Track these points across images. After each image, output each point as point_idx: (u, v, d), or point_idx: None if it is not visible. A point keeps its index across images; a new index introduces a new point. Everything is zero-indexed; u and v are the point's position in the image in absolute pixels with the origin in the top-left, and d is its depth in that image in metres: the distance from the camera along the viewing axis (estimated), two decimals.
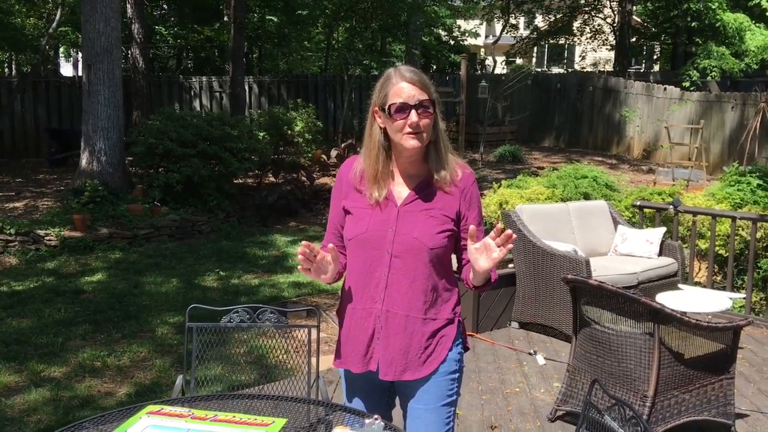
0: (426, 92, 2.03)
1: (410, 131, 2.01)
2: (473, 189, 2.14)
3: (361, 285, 2.12)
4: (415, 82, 2.02)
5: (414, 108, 2.00)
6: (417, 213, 2.08)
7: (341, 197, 2.19)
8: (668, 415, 3.47)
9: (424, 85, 2.03)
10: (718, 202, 6.90)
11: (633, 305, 3.42)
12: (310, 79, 17.68)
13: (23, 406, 4.11)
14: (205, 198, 9.57)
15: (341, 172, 2.22)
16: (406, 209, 2.08)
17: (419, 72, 2.06)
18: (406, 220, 2.07)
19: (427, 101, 2.02)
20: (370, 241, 2.08)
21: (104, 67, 9.53)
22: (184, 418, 1.98)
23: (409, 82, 2.02)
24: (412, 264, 2.06)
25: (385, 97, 2.04)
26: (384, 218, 2.08)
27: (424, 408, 2.12)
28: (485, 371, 4.59)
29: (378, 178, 2.09)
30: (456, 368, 2.14)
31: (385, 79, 2.07)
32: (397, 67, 2.09)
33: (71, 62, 26.42)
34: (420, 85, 2.02)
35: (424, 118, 2.02)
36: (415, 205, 2.08)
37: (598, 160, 14.53)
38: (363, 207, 2.11)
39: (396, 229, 2.07)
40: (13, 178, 11.90)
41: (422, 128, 2.02)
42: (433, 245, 2.05)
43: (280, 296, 6.44)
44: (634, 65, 25.05)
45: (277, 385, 3.14)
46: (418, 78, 2.03)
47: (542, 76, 19.21)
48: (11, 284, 6.63)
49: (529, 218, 5.49)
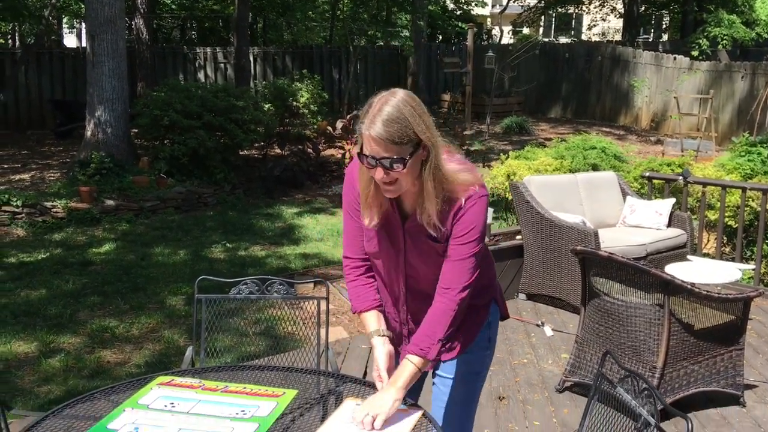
0: (393, 147, 1.79)
1: (382, 182, 1.87)
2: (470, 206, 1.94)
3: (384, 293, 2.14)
4: (379, 138, 1.78)
5: (380, 164, 1.82)
6: (421, 236, 1.97)
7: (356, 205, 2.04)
8: (677, 386, 3.47)
9: (391, 140, 1.78)
10: (728, 173, 6.83)
11: (643, 276, 3.40)
12: (315, 50, 17.52)
13: (33, 376, 4.14)
14: (210, 170, 9.54)
15: (349, 177, 2.07)
16: (409, 228, 1.99)
17: (392, 120, 1.79)
18: (412, 246, 2.01)
19: (396, 158, 1.80)
20: (383, 261, 2.08)
21: (108, 37, 9.44)
22: (194, 389, 1.98)
23: (372, 140, 1.80)
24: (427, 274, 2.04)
25: (360, 144, 1.86)
26: (392, 239, 2.03)
27: (450, 379, 2.13)
28: None
29: (370, 204, 1.96)
30: (487, 343, 2.16)
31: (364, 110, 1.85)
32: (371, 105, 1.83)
33: (75, 33, 26.21)
34: (384, 143, 1.79)
35: (393, 172, 1.82)
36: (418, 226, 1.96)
37: (605, 131, 14.42)
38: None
39: (406, 256, 2.04)
40: (19, 150, 11.88)
41: (391, 182, 1.85)
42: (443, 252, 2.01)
43: (288, 268, 6.44)
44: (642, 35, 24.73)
45: (286, 356, 3.14)
46: (384, 133, 1.78)
47: (549, 46, 18.98)
48: (19, 256, 6.65)
49: (537, 190, 5.45)
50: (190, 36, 20.86)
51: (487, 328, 2.14)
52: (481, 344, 2.13)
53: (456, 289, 1.96)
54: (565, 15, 29.23)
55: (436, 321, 1.96)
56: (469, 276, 1.97)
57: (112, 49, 9.49)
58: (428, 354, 1.95)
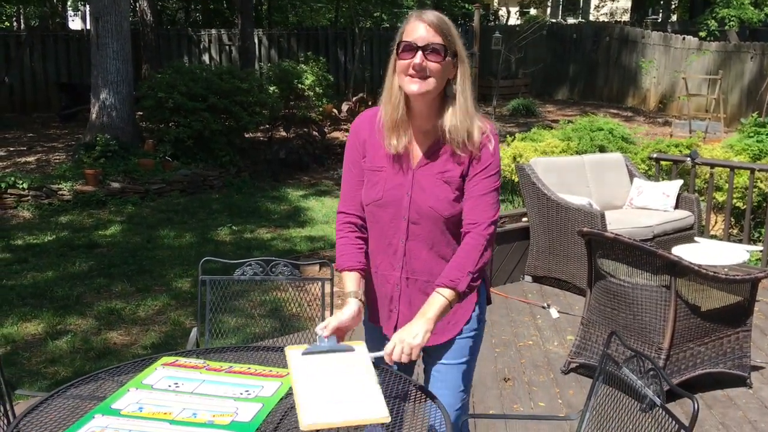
0: (440, 36, 1.85)
1: (412, 73, 1.85)
2: (486, 143, 1.96)
3: (380, 250, 2.07)
4: (431, 22, 1.85)
5: (421, 49, 1.84)
6: (431, 177, 1.96)
7: (358, 156, 2.05)
8: (683, 367, 3.46)
9: (440, 29, 1.85)
10: (737, 154, 6.77)
11: (650, 258, 3.38)
12: (321, 32, 17.40)
13: (40, 357, 4.16)
14: (216, 153, 9.53)
15: (354, 127, 2.08)
16: (420, 172, 1.98)
17: (443, 18, 1.88)
18: (421, 186, 1.97)
19: (438, 45, 1.84)
20: (386, 206, 2.00)
21: (112, 19, 9.40)
22: (199, 369, 1.97)
23: (424, 22, 1.86)
24: (430, 230, 1.99)
25: (401, 36, 1.90)
26: (399, 182, 1.99)
27: (444, 363, 2.10)
28: (498, 324, 4.59)
29: (397, 126, 1.94)
30: (476, 327, 2.12)
31: (405, 21, 1.93)
32: (420, 10, 1.92)
33: (80, 16, 26.13)
34: (435, 28, 1.85)
35: (432, 62, 1.84)
36: (429, 168, 1.97)
37: (613, 113, 14.32)
38: (378, 168, 2.01)
39: (412, 195, 1.97)
40: (24, 133, 11.89)
41: (426, 72, 1.84)
42: (449, 214, 1.97)
43: (294, 250, 6.44)
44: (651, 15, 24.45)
45: (291, 337, 3.15)
46: (436, 20, 1.86)
47: (557, 27, 18.81)
48: (26, 238, 6.67)
49: (543, 171, 5.41)
50: (194, 18, 20.76)
51: (477, 308, 2.12)
52: (472, 325, 2.11)
53: (483, 224, 1.95)
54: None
55: (466, 255, 1.94)
56: (494, 211, 1.98)
57: (117, 31, 9.45)
58: (458, 285, 1.90)
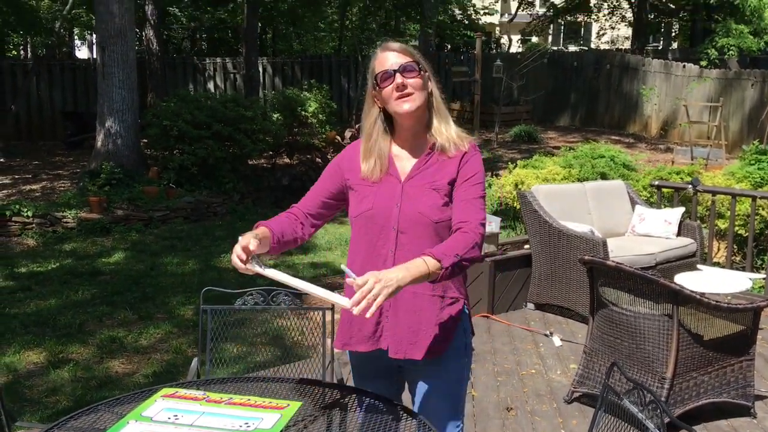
0: (409, 56, 2.03)
1: (399, 95, 2.00)
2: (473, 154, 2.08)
3: (369, 262, 2.07)
4: (397, 48, 2.04)
5: (397, 71, 2.00)
6: (421, 187, 2.05)
7: (342, 170, 2.17)
8: (687, 397, 3.44)
9: (407, 51, 2.04)
10: (738, 182, 6.79)
11: (652, 286, 3.38)
12: (324, 60, 17.59)
13: (42, 386, 4.15)
14: (220, 180, 9.58)
15: (347, 149, 2.22)
16: (410, 184, 2.06)
17: (403, 44, 2.08)
18: (410, 195, 2.04)
19: (411, 62, 2.02)
20: (375, 218, 2.06)
21: (118, 49, 9.53)
22: (199, 401, 1.97)
23: (391, 51, 2.04)
24: (418, 240, 2.02)
25: (373, 71, 2.06)
26: (389, 194, 2.06)
27: (432, 391, 2.09)
28: (501, 352, 4.57)
29: (370, 154, 2.08)
30: (463, 351, 2.11)
31: (372, 58, 2.09)
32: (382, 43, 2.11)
33: (86, 44, 26.46)
34: (402, 51, 2.04)
35: (411, 79, 2.01)
36: (418, 179, 2.06)
37: (614, 139, 14.37)
38: (367, 184, 2.09)
39: (401, 205, 2.04)
40: (30, 161, 11.98)
41: (410, 89, 2.00)
42: (438, 219, 2.01)
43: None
44: (652, 42, 24.68)
45: (292, 367, 3.14)
46: (399, 46, 2.05)
47: (558, 55, 18.98)
48: (30, 266, 6.69)
49: (545, 199, 5.43)
50: (199, 46, 21.01)
51: (462, 333, 2.11)
52: (458, 351, 2.10)
53: (473, 222, 1.99)
54: (574, 23, 29.24)
55: (455, 242, 1.94)
56: (483, 214, 2.04)
57: (123, 60, 9.57)
58: (444, 260, 1.88)
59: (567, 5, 23.35)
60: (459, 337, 2.10)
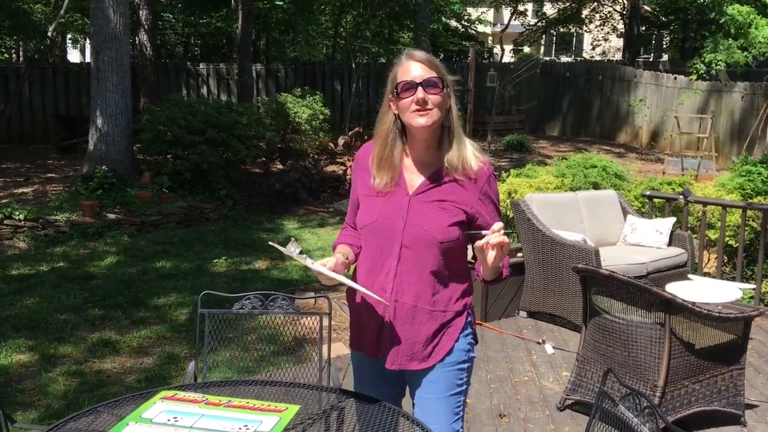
0: (434, 71, 1.98)
1: (417, 108, 1.96)
2: (490, 183, 2.07)
3: (372, 273, 2.10)
4: (423, 60, 1.99)
5: (420, 85, 1.96)
6: (429, 203, 2.03)
7: (357, 181, 2.17)
8: (678, 405, 3.47)
9: (433, 64, 1.99)
10: (729, 192, 6.86)
11: (644, 295, 3.41)
12: (318, 67, 17.62)
13: (33, 390, 4.13)
14: (213, 185, 9.58)
15: (357, 155, 2.20)
16: (418, 199, 2.04)
17: (430, 55, 2.03)
18: (417, 211, 2.03)
19: (435, 78, 1.97)
20: (380, 230, 2.05)
21: (112, 53, 9.52)
22: (198, 404, 1.98)
23: (417, 61, 1.99)
24: (422, 255, 2.02)
25: (395, 79, 2.02)
26: (395, 207, 2.05)
27: (433, 397, 2.10)
28: (494, 360, 4.59)
29: (383, 164, 2.05)
30: (465, 358, 2.12)
31: (396, 63, 2.05)
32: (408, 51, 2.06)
33: (78, 48, 26.39)
34: (428, 64, 1.98)
35: (432, 95, 1.96)
36: (427, 195, 2.04)
37: (605, 149, 14.48)
38: (374, 194, 2.08)
39: (407, 219, 2.03)
40: (22, 164, 11.93)
41: (430, 105, 1.96)
42: (443, 239, 2.01)
43: (290, 282, 6.45)
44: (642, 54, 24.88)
45: (289, 371, 3.15)
46: (426, 58, 1.99)
47: (550, 65, 19.12)
48: (21, 269, 6.66)
49: (538, 207, 5.47)
50: (193, 52, 21.00)
51: (465, 342, 2.12)
52: (460, 359, 2.11)
53: None
54: (566, 34, 29.45)
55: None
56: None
57: (116, 65, 9.57)
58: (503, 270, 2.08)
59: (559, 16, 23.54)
60: (459, 344, 2.11)
